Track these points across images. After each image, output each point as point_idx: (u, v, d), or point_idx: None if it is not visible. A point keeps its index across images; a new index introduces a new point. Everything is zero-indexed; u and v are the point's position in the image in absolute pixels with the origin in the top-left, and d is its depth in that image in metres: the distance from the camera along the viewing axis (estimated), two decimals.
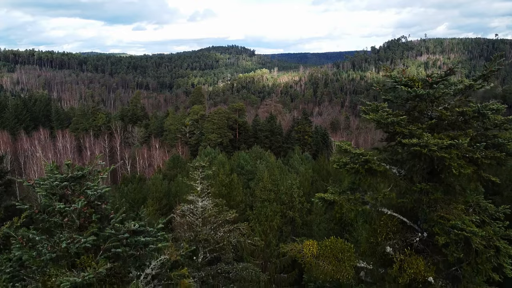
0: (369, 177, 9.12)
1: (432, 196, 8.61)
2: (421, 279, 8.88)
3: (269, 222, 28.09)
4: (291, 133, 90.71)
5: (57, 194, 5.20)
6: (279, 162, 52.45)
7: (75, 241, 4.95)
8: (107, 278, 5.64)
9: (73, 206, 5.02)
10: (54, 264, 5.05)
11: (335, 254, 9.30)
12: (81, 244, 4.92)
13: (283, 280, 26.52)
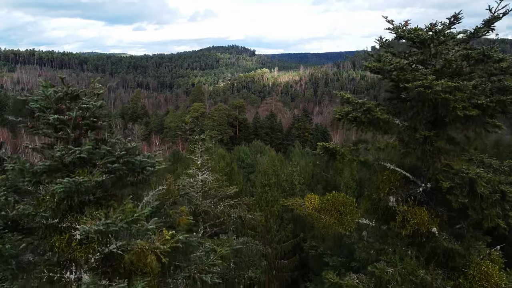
0: (371, 127, 8.96)
1: (436, 144, 8.44)
2: (425, 230, 8.72)
3: (270, 208, 27.92)
4: (291, 130, 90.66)
5: (52, 108, 5.05)
6: (280, 156, 52.38)
7: (70, 151, 4.80)
8: (102, 200, 5.50)
9: (68, 116, 4.86)
10: (49, 176, 4.91)
11: (337, 207, 9.15)
12: (76, 154, 4.77)
13: (284, 266, 26.31)
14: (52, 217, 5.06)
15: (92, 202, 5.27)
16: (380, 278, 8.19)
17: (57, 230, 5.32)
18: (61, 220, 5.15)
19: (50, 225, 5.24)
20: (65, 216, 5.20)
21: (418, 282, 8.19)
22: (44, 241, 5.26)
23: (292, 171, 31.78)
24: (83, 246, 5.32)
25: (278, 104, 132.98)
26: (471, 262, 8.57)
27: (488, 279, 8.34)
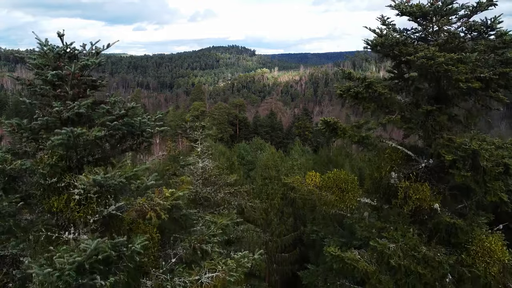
0: (373, 103, 8.90)
1: (438, 119, 8.37)
2: (427, 206, 8.64)
3: (270, 201, 27.82)
4: (291, 129, 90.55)
5: (50, 66, 4.97)
6: (280, 152, 52.31)
7: (68, 106, 4.72)
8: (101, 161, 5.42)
9: (66, 70, 4.77)
10: (47, 132, 4.83)
11: (338, 184, 9.06)
12: (75, 110, 4.69)
13: (284, 259, 26.17)
14: (50, 175, 4.98)
15: (91, 163, 5.19)
16: (382, 252, 8.11)
17: (56, 191, 5.24)
18: (59, 180, 5.07)
19: (49, 185, 5.16)
20: (63, 176, 5.13)
21: (420, 257, 8.11)
22: (42, 202, 5.19)
23: (293, 165, 31.72)
24: (82, 206, 5.23)
25: (278, 104, 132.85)
26: (473, 238, 8.49)
27: (491, 255, 8.26)
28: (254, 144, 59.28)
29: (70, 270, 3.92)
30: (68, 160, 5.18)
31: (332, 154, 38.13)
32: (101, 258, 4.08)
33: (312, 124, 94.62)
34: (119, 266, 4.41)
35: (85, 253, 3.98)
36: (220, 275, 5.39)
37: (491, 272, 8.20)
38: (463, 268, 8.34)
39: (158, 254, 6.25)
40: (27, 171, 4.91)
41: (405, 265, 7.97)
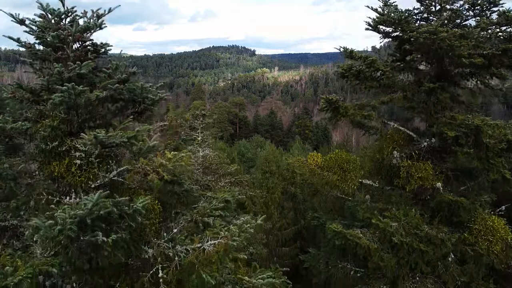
0: (375, 82, 8.86)
1: (441, 97, 8.33)
2: (429, 185, 8.60)
3: (271, 194, 27.74)
4: (291, 128, 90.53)
5: (51, 29, 4.92)
6: (280, 149, 52.33)
7: (69, 67, 4.67)
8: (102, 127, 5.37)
9: (67, 31, 4.73)
10: (48, 94, 4.78)
11: (340, 164, 9.02)
12: (76, 70, 4.64)
13: (285, 253, 26.11)
14: (51, 139, 4.94)
15: (92, 128, 5.15)
16: (384, 230, 8.07)
17: (57, 156, 5.20)
18: (60, 144, 5.03)
19: (50, 150, 5.12)
20: (64, 140, 5.09)
21: (422, 235, 8.06)
22: (43, 167, 5.15)
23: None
24: (83, 171, 5.20)
25: (278, 103, 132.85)
26: (476, 217, 8.45)
27: (494, 233, 8.22)
28: (255, 142, 59.33)
29: (72, 224, 3.88)
30: (69, 125, 5.14)
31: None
32: (103, 214, 4.04)
33: (312, 123, 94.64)
34: (120, 226, 4.37)
35: (87, 207, 3.94)
36: (222, 241, 5.35)
37: (493, 251, 8.16)
38: (465, 247, 8.30)
39: (159, 226, 6.21)
40: (27, 133, 4.87)
41: (408, 242, 7.92)
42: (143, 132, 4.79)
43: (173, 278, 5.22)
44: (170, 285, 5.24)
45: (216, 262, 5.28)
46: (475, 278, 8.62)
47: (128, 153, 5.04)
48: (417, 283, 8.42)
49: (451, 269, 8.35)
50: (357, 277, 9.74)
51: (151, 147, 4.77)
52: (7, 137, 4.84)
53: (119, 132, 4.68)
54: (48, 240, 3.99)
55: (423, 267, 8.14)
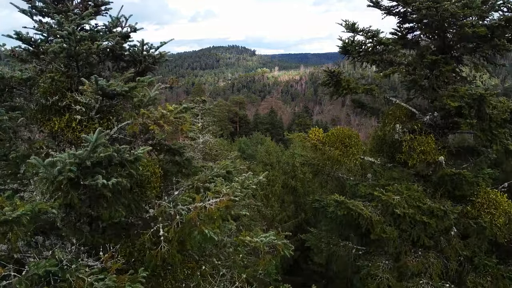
0: (377, 56, 8.82)
1: (443, 69, 8.27)
2: (431, 159, 8.55)
3: (271, 187, 27.65)
4: (291, 126, 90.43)
5: None
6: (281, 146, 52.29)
7: (69, 18, 4.62)
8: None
9: None
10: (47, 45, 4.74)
11: (342, 139, 8.97)
12: (77, 21, 4.57)
13: None
14: (51, 93, 4.88)
15: None
16: (386, 203, 8.01)
17: (57, 112, 5.15)
18: (60, 98, 4.97)
19: (50, 106, 5.07)
20: (64, 95, 5.04)
21: (425, 208, 8.00)
22: (43, 123, 5.09)
23: (293, 153, 31.60)
24: (84, 127, 5.14)
25: (279, 102, 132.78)
26: (479, 191, 8.39)
27: (497, 206, 8.16)
28: (255, 139, 59.29)
29: (72, 165, 3.82)
30: (69, 80, 5.08)
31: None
32: (103, 157, 3.98)
33: (313, 121, 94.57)
34: (121, 174, 4.31)
35: (87, 147, 3.88)
36: (224, 199, 5.29)
37: (496, 224, 8.10)
38: (468, 220, 8.24)
39: (160, 190, 6.16)
40: (28, 84, 4.82)
41: (410, 214, 7.87)
42: (144, 82, 4.73)
43: (175, 236, 5.16)
44: (171, 243, 5.18)
45: (218, 219, 5.23)
46: (478, 253, 8.56)
47: (129, 108, 4.99)
48: (419, 257, 8.35)
49: (454, 243, 8.30)
50: (359, 255, 9.70)
51: (152, 98, 4.71)
52: (7, 87, 4.78)
53: (120, 82, 4.63)
54: (48, 183, 3.93)
55: (426, 240, 8.08)
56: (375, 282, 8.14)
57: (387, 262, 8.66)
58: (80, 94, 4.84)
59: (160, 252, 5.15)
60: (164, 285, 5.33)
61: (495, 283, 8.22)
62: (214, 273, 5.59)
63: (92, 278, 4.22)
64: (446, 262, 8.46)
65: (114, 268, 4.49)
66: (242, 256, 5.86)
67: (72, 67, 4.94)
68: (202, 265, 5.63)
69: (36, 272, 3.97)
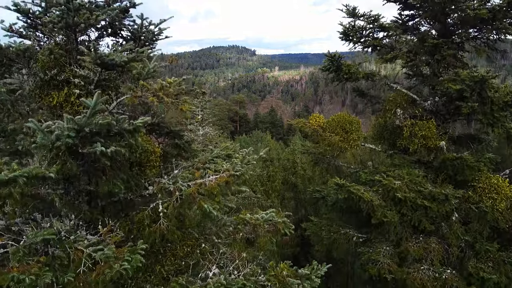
0: (378, 41, 8.78)
1: (445, 53, 8.23)
2: (432, 145, 8.50)
3: (271, 183, 27.61)
4: (291, 125, 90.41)
5: None
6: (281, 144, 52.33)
7: None
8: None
9: None
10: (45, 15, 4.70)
11: (342, 125, 8.93)
12: None
13: (285, 242, 25.97)
14: (49, 66, 4.83)
15: None
16: (387, 187, 7.96)
17: (55, 87, 5.10)
18: (59, 72, 4.93)
19: (48, 80, 5.02)
20: (63, 69, 4.99)
21: (426, 193, 7.96)
22: (41, 97, 5.05)
23: (294, 149, 31.57)
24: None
25: (279, 102, 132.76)
26: (480, 176, 8.34)
27: (498, 191, 8.12)
28: (255, 137, 59.31)
29: (70, 131, 3.78)
30: (68, 54, 5.04)
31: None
32: (102, 124, 3.93)
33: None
34: (120, 143, 4.26)
35: (85, 113, 3.83)
36: (224, 175, 5.24)
37: (498, 209, 8.05)
38: (469, 205, 8.19)
39: (159, 170, 6.11)
40: (25, 55, 4.77)
41: (411, 198, 7.82)
42: (143, 54, 4.69)
43: (173, 211, 5.11)
44: (171, 219, 5.13)
45: (218, 194, 5.18)
46: (479, 239, 8.51)
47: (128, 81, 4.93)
48: (421, 242, 8.31)
49: (455, 228, 8.25)
50: (360, 242, 9.65)
51: (152, 71, 4.66)
52: (4, 58, 4.74)
53: (119, 53, 4.59)
54: (46, 150, 3.89)
55: (427, 224, 8.04)
56: (376, 268, 8.08)
57: (387, 248, 8.61)
58: (78, 66, 4.80)
59: (159, 228, 5.10)
60: (164, 262, 5.28)
61: (496, 269, 8.17)
62: (214, 251, 5.54)
63: (91, 249, 4.18)
64: (448, 248, 8.41)
65: (113, 241, 4.45)
66: (242, 235, 5.81)
67: (70, 39, 4.90)
68: (202, 243, 5.58)
69: (34, 241, 3.92)
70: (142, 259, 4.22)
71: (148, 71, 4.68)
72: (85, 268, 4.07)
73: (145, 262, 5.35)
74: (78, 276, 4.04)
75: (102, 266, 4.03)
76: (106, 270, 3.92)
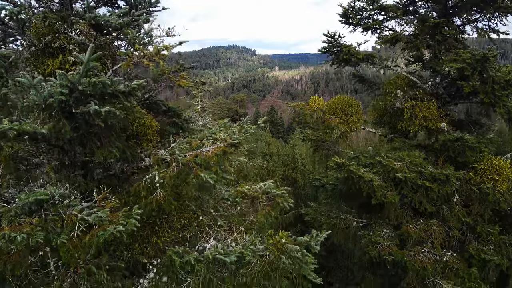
0: (379, 22, 8.69)
1: (446, 33, 8.15)
2: (433, 126, 8.41)
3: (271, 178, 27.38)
4: (292, 124, 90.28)
5: None
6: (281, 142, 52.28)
7: None
8: None
9: None
10: None
11: (342, 107, 8.84)
12: None
13: None
14: (44, 33, 4.76)
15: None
16: (387, 167, 7.88)
17: (50, 55, 5.03)
18: (54, 39, 4.85)
19: (43, 48, 4.94)
20: (58, 36, 4.91)
21: (427, 174, 7.86)
22: (36, 65, 4.97)
23: (294, 145, 31.46)
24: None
25: (279, 101, 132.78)
26: (481, 157, 8.25)
27: (500, 172, 8.03)
28: (255, 135, 59.40)
29: (63, 88, 3.70)
30: (62, 20, 4.96)
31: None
32: (96, 82, 3.85)
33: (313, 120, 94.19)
34: (115, 105, 4.18)
35: (79, 71, 3.75)
36: (222, 144, 5.16)
37: (499, 190, 7.96)
38: (470, 186, 8.10)
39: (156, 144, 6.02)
40: (19, 18, 4.70)
41: (412, 179, 7.73)
42: (140, 16, 4.61)
43: (170, 181, 5.02)
44: (167, 189, 5.04)
45: (216, 164, 5.10)
46: (480, 222, 8.42)
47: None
48: (421, 225, 8.21)
49: (456, 210, 8.15)
50: (360, 227, 9.57)
51: (148, 33, 4.58)
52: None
53: (114, 16, 4.50)
54: (38, 108, 3.80)
55: (428, 206, 7.94)
56: (376, 249, 7.99)
57: (388, 231, 8.52)
58: (73, 31, 4.72)
59: (156, 198, 5.02)
60: (160, 233, 5.19)
61: (498, 251, 8.08)
62: (211, 224, 5.45)
63: (84, 212, 4.09)
64: (448, 231, 8.31)
65: (108, 207, 4.36)
66: (240, 208, 5.73)
67: (65, 6, 4.82)
68: (200, 216, 5.49)
69: (26, 202, 3.83)
70: (137, 223, 4.13)
71: (143, 35, 4.60)
72: (78, 231, 3.98)
73: (141, 233, 5.28)
74: (71, 239, 3.95)
75: (96, 228, 3.94)
76: (99, 232, 3.84)
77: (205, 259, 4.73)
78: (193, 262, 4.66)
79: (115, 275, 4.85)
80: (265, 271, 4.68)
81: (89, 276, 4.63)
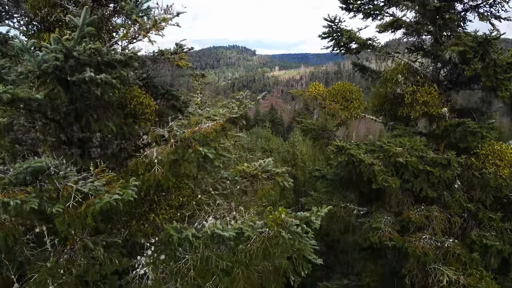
0: (380, 7, 8.62)
1: (447, 17, 8.07)
2: (434, 112, 8.35)
3: None
4: (292, 124, 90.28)
5: None
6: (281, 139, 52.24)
7: None
8: None
9: None
10: None
11: (343, 93, 8.77)
12: None
13: None
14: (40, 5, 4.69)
15: None
16: (388, 152, 7.80)
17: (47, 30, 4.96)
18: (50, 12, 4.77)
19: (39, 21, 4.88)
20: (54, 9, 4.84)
21: (428, 159, 7.79)
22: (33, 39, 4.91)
23: (294, 142, 31.39)
24: None
25: (279, 101, 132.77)
26: (483, 143, 8.18)
27: (502, 157, 7.96)
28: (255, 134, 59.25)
29: (58, 53, 3.62)
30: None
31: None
32: (91, 49, 3.77)
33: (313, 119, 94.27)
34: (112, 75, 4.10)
35: (74, 37, 3.68)
36: (221, 120, 5.09)
37: (501, 175, 7.89)
38: (472, 171, 8.02)
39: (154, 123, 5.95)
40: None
41: (413, 163, 7.65)
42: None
43: (168, 157, 4.95)
44: (165, 165, 4.97)
45: (215, 139, 5.03)
46: (481, 209, 8.34)
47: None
48: (422, 211, 8.13)
49: (457, 196, 8.08)
50: (361, 215, 9.50)
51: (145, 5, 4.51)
52: None
53: None
54: (33, 75, 3.73)
55: (429, 191, 7.87)
56: (377, 235, 7.92)
57: (389, 218, 8.44)
58: (70, 3, 4.65)
59: (154, 174, 4.94)
60: (158, 210, 5.12)
61: (499, 237, 8.01)
62: (210, 202, 5.38)
63: (80, 183, 4.02)
64: (450, 217, 8.23)
65: (105, 179, 4.28)
66: (239, 188, 5.65)
67: None
68: (198, 195, 5.42)
69: (20, 171, 3.76)
70: (134, 194, 4.06)
71: (140, 4, 4.53)
72: (74, 202, 3.91)
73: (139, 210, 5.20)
74: (67, 209, 3.88)
75: (92, 198, 3.87)
76: (95, 201, 3.76)
77: (203, 235, 4.66)
78: (191, 238, 4.58)
79: (112, 251, 4.78)
80: (264, 247, 4.60)
81: (85, 252, 4.56)
